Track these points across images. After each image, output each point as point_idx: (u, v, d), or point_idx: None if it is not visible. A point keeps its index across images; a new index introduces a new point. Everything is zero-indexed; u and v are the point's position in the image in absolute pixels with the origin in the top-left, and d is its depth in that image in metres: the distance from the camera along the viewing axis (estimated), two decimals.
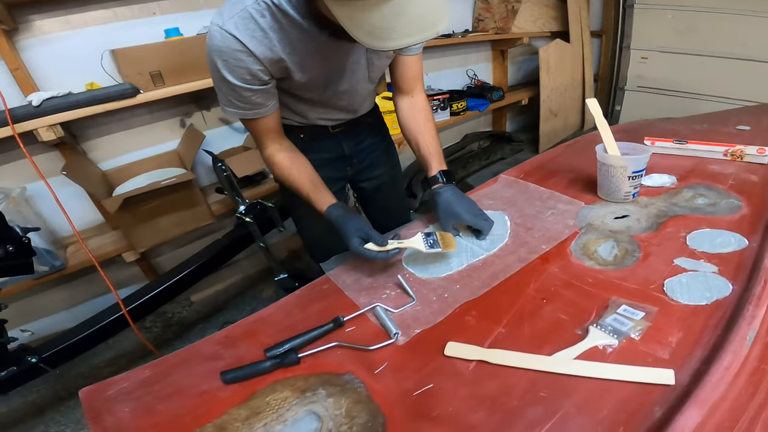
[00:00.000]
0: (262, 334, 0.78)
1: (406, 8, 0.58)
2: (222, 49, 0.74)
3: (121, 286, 1.88)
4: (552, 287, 0.78)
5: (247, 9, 0.73)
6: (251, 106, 0.84)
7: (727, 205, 0.95)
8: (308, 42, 0.79)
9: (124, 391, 0.68)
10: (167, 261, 2.01)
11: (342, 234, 0.87)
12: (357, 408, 0.60)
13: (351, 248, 0.84)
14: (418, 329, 0.73)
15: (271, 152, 0.94)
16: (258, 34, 0.74)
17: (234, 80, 0.77)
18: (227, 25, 0.72)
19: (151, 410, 0.64)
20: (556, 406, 0.56)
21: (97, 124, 1.69)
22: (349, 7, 0.59)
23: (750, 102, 2.86)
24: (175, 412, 0.63)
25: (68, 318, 1.84)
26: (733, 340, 0.57)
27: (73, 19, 1.57)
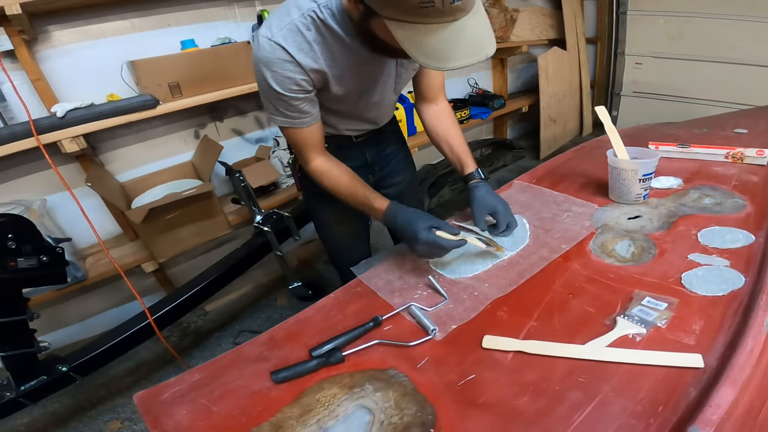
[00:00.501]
0: (304, 335, 0.81)
1: (463, 33, 0.64)
2: (271, 60, 0.79)
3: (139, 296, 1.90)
4: (576, 283, 0.83)
5: (295, 22, 0.78)
6: (299, 114, 0.88)
7: (732, 204, 1.01)
8: (348, 56, 0.84)
9: (178, 394, 0.70)
10: (182, 272, 2.03)
11: (409, 226, 0.88)
12: (405, 400, 0.64)
13: (421, 237, 0.85)
14: (453, 325, 0.77)
15: (319, 163, 0.97)
16: (304, 46, 0.79)
17: (281, 90, 0.82)
18: (276, 37, 0.77)
19: (207, 412, 0.67)
20: (595, 391, 0.60)
21: (114, 136, 1.72)
22: (411, 31, 0.64)
23: (741, 104, 2.94)
24: (231, 413, 0.66)
25: (83, 329, 1.86)
26: (752, 326, 0.63)
27: (92, 29, 1.61)
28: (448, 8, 0.60)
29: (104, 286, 1.80)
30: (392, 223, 0.92)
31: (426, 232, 0.86)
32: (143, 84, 1.56)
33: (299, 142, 0.94)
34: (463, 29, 0.64)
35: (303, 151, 0.96)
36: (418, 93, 1.12)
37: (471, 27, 0.65)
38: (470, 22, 0.65)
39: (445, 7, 0.60)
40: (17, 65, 1.44)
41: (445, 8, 0.60)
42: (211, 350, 1.81)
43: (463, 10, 0.63)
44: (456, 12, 0.62)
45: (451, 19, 0.63)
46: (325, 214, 1.24)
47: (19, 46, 1.41)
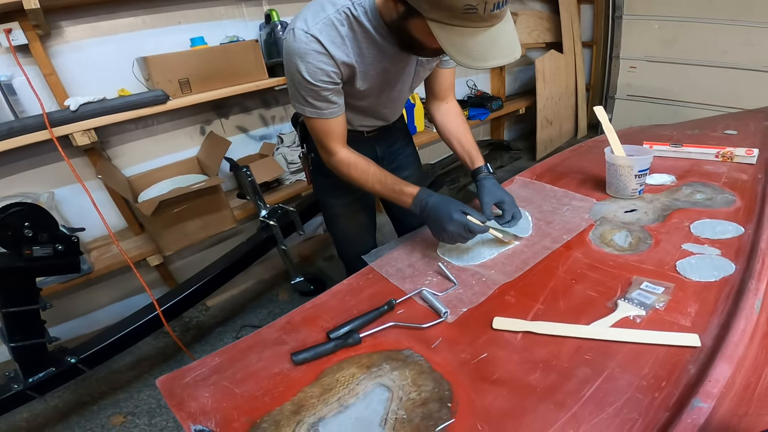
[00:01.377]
0: (320, 319, 0.84)
1: (497, 37, 0.72)
2: (307, 51, 0.83)
3: (141, 290, 1.90)
4: (579, 270, 0.87)
5: (330, 17, 0.83)
6: (327, 104, 0.92)
7: (722, 200, 1.07)
8: (375, 53, 0.89)
9: (200, 378, 0.73)
10: (184, 266, 2.04)
11: (443, 208, 0.92)
12: (422, 378, 0.67)
13: (455, 218, 0.90)
14: (464, 308, 0.81)
15: (345, 154, 1.01)
16: (338, 40, 0.84)
17: (312, 80, 0.86)
18: (312, 30, 0.82)
19: (230, 393, 0.69)
20: (602, 367, 0.64)
21: (123, 130, 1.74)
22: (452, 32, 0.70)
23: (731, 108, 3.01)
24: (253, 394, 0.68)
25: (87, 323, 1.87)
26: (744, 308, 0.67)
27: (103, 26, 1.63)
28: (488, 15, 0.68)
29: (108, 280, 1.81)
30: (424, 206, 0.95)
31: (459, 214, 0.91)
32: (154, 79, 1.58)
33: (325, 133, 0.97)
34: (497, 34, 0.72)
35: (328, 142, 0.99)
36: (430, 92, 1.17)
37: (503, 32, 0.73)
38: (503, 27, 0.73)
39: (486, 14, 0.67)
40: (30, 59, 1.46)
41: (485, 15, 0.67)
42: (213, 345, 1.83)
43: (499, 17, 0.71)
44: (493, 19, 0.70)
45: (489, 25, 0.70)
46: (335, 207, 1.28)
47: (34, 41, 1.43)
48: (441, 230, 0.92)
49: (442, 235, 0.93)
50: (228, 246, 1.84)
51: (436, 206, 0.94)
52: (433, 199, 0.95)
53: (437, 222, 0.93)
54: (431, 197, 0.95)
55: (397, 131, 1.27)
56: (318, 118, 0.94)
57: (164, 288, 1.97)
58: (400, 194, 0.99)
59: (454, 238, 0.93)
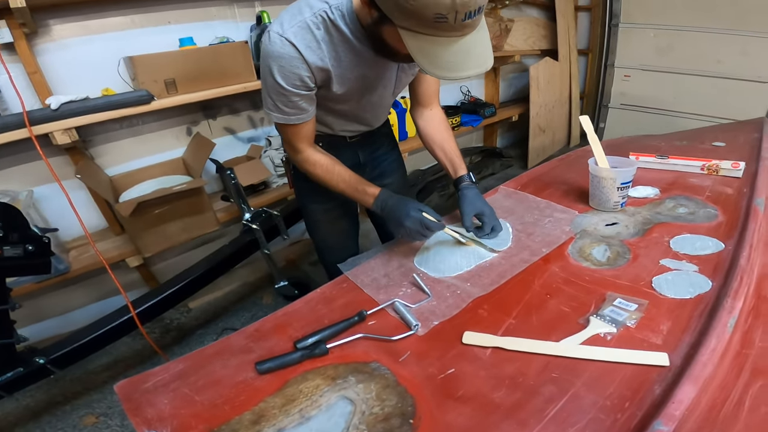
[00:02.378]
0: (290, 327, 0.83)
1: (468, 47, 0.71)
2: (281, 55, 0.82)
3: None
4: (554, 284, 0.86)
5: (306, 21, 0.82)
6: (296, 111, 0.91)
7: (705, 214, 1.06)
8: (352, 57, 0.88)
9: (160, 384, 0.71)
10: (166, 268, 2.02)
11: (401, 206, 0.96)
12: (386, 392, 0.66)
13: (411, 215, 0.93)
14: (435, 321, 0.80)
15: (309, 153, 1.01)
16: (313, 44, 0.83)
17: (285, 84, 0.85)
18: (287, 34, 0.81)
19: (189, 401, 0.67)
20: (568, 385, 0.63)
21: (106, 129, 1.72)
22: (423, 41, 0.69)
23: (723, 119, 3.02)
24: (213, 402, 0.67)
25: (64, 323, 1.83)
26: (716, 327, 0.66)
27: (92, 24, 1.61)
28: (459, 25, 0.66)
29: (87, 280, 1.78)
30: (384, 206, 0.98)
31: (415, 211, 0.94)
32: (139, 79, 1.56)
33: (291, 135, 0.98)
34: (469, 43, 0.71)
35: (294, 142, 1.00)
36: (414, 98, 1.16)
37: (476, 42, 0.72)
38: (476, 37, 0.72)
39: (457, 23, 0.66)
40: (15, 57, 1.44)
41: (456, 24, 0.66)
42: (192, 347, 1.80)
43: (471, 26, 0.69)
44: (465, 28, 0.68)
45: (460, 34, 0.69)
46: (316, 212, 1.26)
47: (19, 39, 1.41)
48: (399, 226, 0.95)
49: (401, 231, 0.96)
50: (214, 248, 1.81)
51: (395, 205, 0.97)
52: (392, 199, 0.98)
53: (395, 219, 0.96)
54: (392, 198, 0.98)
55: (381, 137, 1.26)
56: (285, 124, 0.94)
57: (145, 289, 1.94)
58: (362, 194, 1.01)
59: (411, 235, 0.95)
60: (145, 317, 1.41)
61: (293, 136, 0.98)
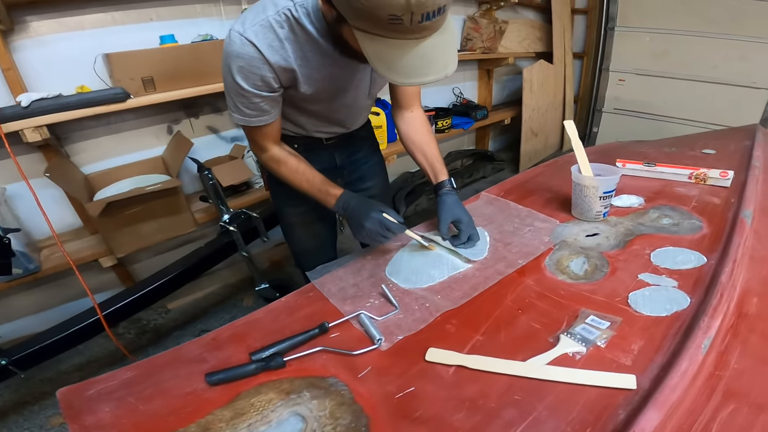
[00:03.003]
0: (249, 337, 0.79)
1: (427, 51, 0.66)
2: (240, 55, 0.79)
3: (96, 291, 1.82)
4: (527, 299, 0.82)
5: (268, 19, 0.78)
6: (258, 112, 0.88)
7: (689, 226, 1.02)
8: (320, 57, 0.84)
9: (105, 391, 0.68)
10: (145, 268, 1.98)
11: (361, 208, 0.93)
12: (341, 410, 0.62)
13: (372, 215, 0.90)
14: (400, 336, 0.76)
15: (275, 152, 0.98)
16: (275, 43, 0.79)
17: (246, 85, 0.82)
18: (247, 33, 0.77)
19: (132, 410, 0.64)
20: (530, 409, 0.59)
21: (83, 127, 1.67)
22: (378, 43, 0.65)
23: (717, 125, 2.99)
24: (158, 412, 0.64)
25: (37, 322, 1.79)
26: (689, 348, 0.62)
27: (70, 21, 1.57)
28: (416, 27, 0.62)
29: (61, 279, 1.74)
30: (346, 207, 0.95)
31: (376, 212, 0.91)
32: (115, 77, 1.53)
33: (254, 135, 0.96)
34: (428, 47, 0.66)
35: (258, 141, 0.97)
36: (394, 100, 1.12)
37: (435, 46, 0.67)
38: (437, 40, 0.67)
39: (413, 25, 0.61)
40: None
41: (413, 26, 0.61)
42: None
43: (431, 29, 0.65)
44: (424, 30, 0.64)
45: (418, 37, 0.65)
46: (290, 216, 1.23)
47: None
48: (360, 227, 0.92)
49: (361, 231, 0.92)
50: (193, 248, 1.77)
51: (356, 206, 0.94)
52: (354, 200, 0.95)
53: (356, 220, 0.93)
54: (354, 199, 0.96)
55: (360, 140, 1.22)
56: (246, 125, 0.91)
57: (121, 288, 1.90)
58: (325, 194, 0.98)
59: (372, 236, 0.92)
60: (115, 318, 1.38)
61: (257, 135, 0.95)
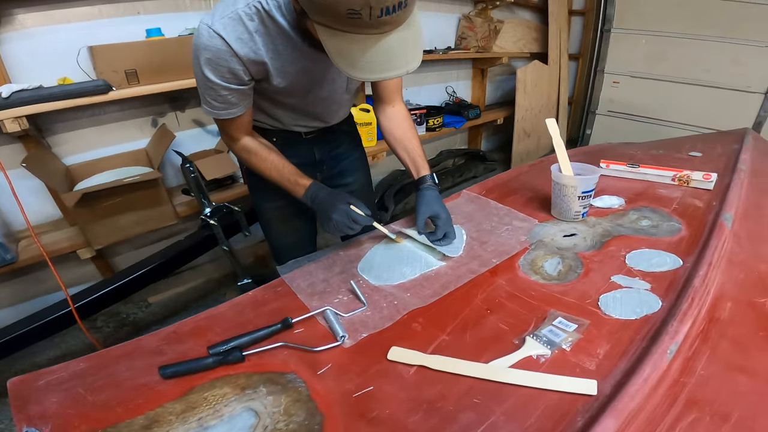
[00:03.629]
0: (210, 331, 0.78)
1: (388, 47, 0.65)
2: (207, 47, 0.77)
3: (74, 283, 1.81)
4: (497, 299, 0.81)
5: (237, 11, 0.77)
6: (226, 105, 0.87)
7: (668, 228, 1.01)
8: (292, 50, 0.83)
9: (54, 382, 0.67)
10: (126, 260, 1.94)
11: (329, 199, 0.92)
12: (296, 406, 0.61)
13: (339, 207, 0.90)
14: (365, 333, 0.74)
15: (245, 141, 0.97)
16: (244, 36, 0.78)
17: (214, 78, 0.80)
18: (215, 25, 0.76)
19: (80, 400, 0.63)
20: (488, 413, 0.58)
21: (66, 118, 1.65)
22: (338, 38, 0.64)
23: (709, 129, 2.98)
24: (107, 404, 0.63)
25: (14, 314, 1.76)
26: (654, 353, 0.61)
27: (57, 14, 1.56)
28: (375, 21, 0.61)
29: (39, 271, 1.71)
30: (314, 198, 0.94)
31: (343, 203, 0.90)
32: (99, 69, 1.52)
33: (226, 127, 0.95)
34: (390, 43, 0.65)
35: (227, 133, 0.97)
36: (375, 95, 1.10)
37: (398, 41, 0.66)
38: (398, 36, 0.66)
39: (372, 20, 0.60)
40: None
41: (372, 21, 0.61)
42: None
43: (392, 23, 0.64)
44: (383, 25, 0.63)
45: (379, 32, 0.64)
46: (268, 210, 1.21)
47: None
48: (327, 219, 0.91)
49: (329, 223, 0.92)
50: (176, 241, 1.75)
51: (324, 198, 0.93)
52: (323, 192, 0.94)
53: (324, 211, 0.92)
54: (323, 190, 0.95)
55: (341, 135, 1.20)
56: (217, 117, 0.91)
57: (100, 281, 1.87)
58: (294, 185, 0.97)
59: (339, 228, 0.91)
60: (90, 310, 1.35)
61: (227, 126, 0.94)
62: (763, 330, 0.69)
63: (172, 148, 1.70)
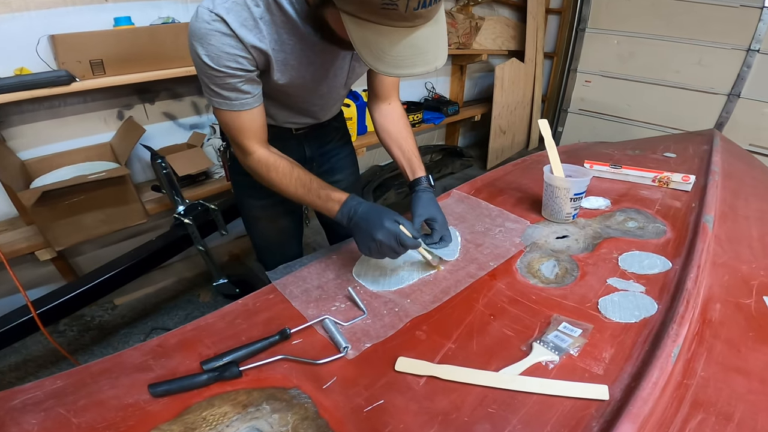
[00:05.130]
0: (200, 344, 0.72)
1: (417, 42, 0.62)
2: (208, 32, 0.70)
3: (33, 286, 1.68)
4: (499, 303, 0.80)
5: None
6: (237, 94, 0.78)
7: (654, 229, 1.04)
8: (297, 40, 0.77)
9: (31, 402, 0.61)
10: (89, 261, 1.82)
11: (375, 215, 0.81)
12: (304, 425, 0.58)
13: (387, 226, 0.78)
14: (368, 343, 0.72)
15: (263, 154, 0.86)
16: (249, 22, 0.72)
17: (215, 66, 0.73)
18: (218, 8, 0.69)
19: (64, 423, 0.58)
20: (504, 423, 0.57)
21: (22, 110, 1.52)
22: (366, 29, 0.60)
23: (675, 129, 3.10)
24: (93, 426, 0.57)
25: None
26: (659, 357, 0.62)
27: (14, 2, 1.42)
28: (410, 14, 0.58)
29: None
30: (353, 214, 0.83)
31: (392, 222, 0.79)
32: (60, 59, 1.40)
33: (237, 129, 0.83)
34: (419, 37, 0.62)
35: (242, 140, 0.85)
36: (371, 90, 1.07)
37: (427, 36, 0.63)
38: (427, 31, 0.63)
39: (408, 12, 0.57)
40: None
41: (407, 14, 0.58)
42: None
43: (424, 17, 0.61)
44: (416, 19, 0.60)
45: (410, 26, 0.61)
46: (253, 209, 1.15)
47: None
48: (370, 240, 0.79)
49: (371, 246, 0.80)
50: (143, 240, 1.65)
51: (366, 213, 0.81)
52: (363, 206, 0.83)
53: (366, 231, 0.80)
54: (362, 204, 0.83)
55: (332, 131, 1.16)
56: (229, 111, 0.80)
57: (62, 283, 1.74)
58: (326, 200, 0.85)
59: (382, 251, 0.80)
60: (53, 317, 1.25)
61: (239, 132, 0.83)
62: (753, 330, 0.71)
63: (141, 143, 1.59)
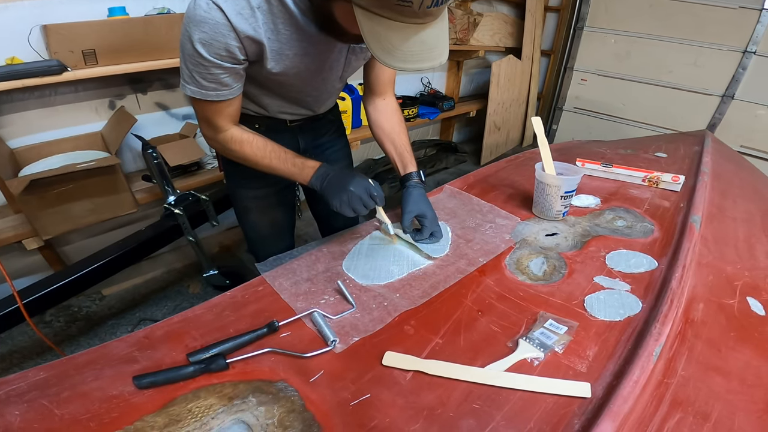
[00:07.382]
0: (187, 336, 0.72)
1: (425, 38, 0.64)
2: (204, 20, 0.70)
3: (20, 275, 1.67)
4: (487, 299, 0.81)
5: None
6: (217, 86, 0.79)
7: (641, 229, 1.05)
8: (293, 31, 0.77)
9: (14, 393, 0.61)
10: (77, 250, 1.81)
11: (347, 174, 0.87)
12: (290, 417, 0.58)
13: (358, 180, 0.86)
14: (356, 337, 0.72)
15: (234, 132, 0.89)
16: (245, 11, 0.71)
17: (206, 54, 0.73)
18: None
19: (46, 415, 0.57)
20: (488, 419, 0.57)
21: (12, 99, 1.50)
22: (378, 24, 0.61)
23: (668, 129, 3.11)
24: (77, 417, 0.57)
25: None
26: (641, 356, 0.63)
27: None
28: (423, 12, 0.60)
29: None
30: (327, 175, 0.88)
31: (364, 178, 0.87)
32: (52, 49, 1.39)
33: (210, 113, 0.85)
34: (428, 34, 0.65)
35: (212, 121, 0.86)
36: (367, 85, 1.07)
37: (433, 33, 0.66)
38: (435, 27, 0.65)
39: (421, 10, 0.59)
40: None
41: (420, 11, 0.60)
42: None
43: (434, 15, 0.63)
44: (428, 16, 0.62)
45: (421, 23, 0.63)
46: (245, 199, 1.15)
47: None
48: (343, 191, 0.85)
49: (342, 197, 0.86)
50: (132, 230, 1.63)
51: (340, 172, 0.88)
52: (337, 170, 0.89)
53: (340, 183, 0.86)
54: (334, 169, 0.90)
55: (326, 123, 1.16)
56: (202, 99, 0.81)
57: (50, 272, 1.72)
58: (302, 168, 0.90)
59: (353, 203, 0.85)
60: (40, 307, 1.24)
61: (213, 113, 0.84)
62: (734, 330, 0.73)
63: (132, 132, 1.57)
